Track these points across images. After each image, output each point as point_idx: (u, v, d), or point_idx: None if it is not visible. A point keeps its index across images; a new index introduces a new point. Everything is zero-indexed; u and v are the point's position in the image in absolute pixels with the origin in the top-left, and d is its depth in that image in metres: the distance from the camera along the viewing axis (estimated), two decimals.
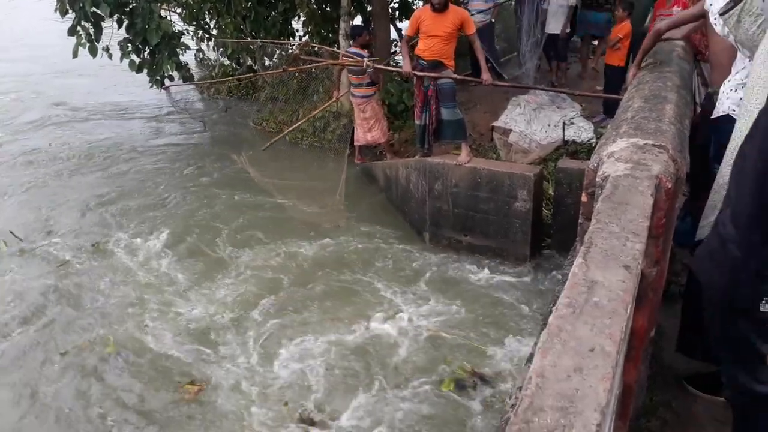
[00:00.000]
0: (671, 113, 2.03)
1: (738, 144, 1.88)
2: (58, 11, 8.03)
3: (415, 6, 10.97)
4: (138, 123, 10.56)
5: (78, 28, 8.00)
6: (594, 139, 6.20)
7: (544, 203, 5.78)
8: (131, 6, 8.08)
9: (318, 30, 10.54)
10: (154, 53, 8.49)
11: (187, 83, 9.79)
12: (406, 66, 5.75)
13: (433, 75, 5.56)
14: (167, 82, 9.10)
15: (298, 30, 11.34)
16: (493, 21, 8.24)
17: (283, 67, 7.76)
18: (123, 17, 8.13)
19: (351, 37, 7.46)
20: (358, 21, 9.94)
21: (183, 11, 11.77)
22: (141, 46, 8.40)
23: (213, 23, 12.02)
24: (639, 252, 1.11)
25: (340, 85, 7.67)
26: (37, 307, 5.05)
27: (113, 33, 8.23)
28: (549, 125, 6.51)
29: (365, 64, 6.32)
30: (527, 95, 7.10)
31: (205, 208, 6.88)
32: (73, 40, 8.08)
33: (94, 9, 7.67)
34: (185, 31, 11.10)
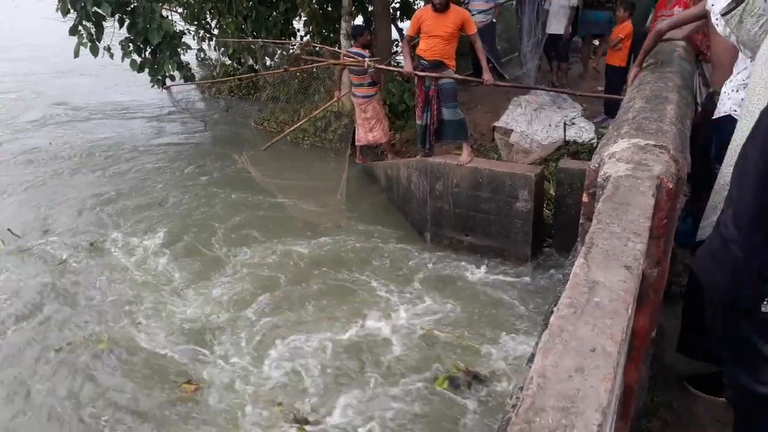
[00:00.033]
0: (672, 114, 2.03)
1: (739, 144, 1.88)
2: (59, 11, 8.04)
3: (417, 6, 10.96)
4: (139, 122, 10.57)
5: (79, 27, 8.00)
6: (595, 140, 6.20)
7: (545, 203, 5.78)
8: (133, 5, 8.08)
9: (319, 30, 10.54)
10: (155, 53, 8.49)
11: (189, 83, 9.80)
12: (407, 66, 5.75)
13: (435, 75, 5.56)
14: (168, 81, 9.10)
15: (299, 30, 11.35)
16: (494, 21, 8.24)
17: (285, 67, 7.77)
18: (124, 17, 8.13)
19: (352, 37, 7.47)
20: (359, 21, 9.94)
21: (184, 11, 11.78)
22: (142, 45, 8.40)
23: (214, 23, 12.03)
24: (640, 252, 1.11)
25: (341, 85, 7.66)
26: (34, 305, 5.07)
27: (114, 32, 8.24)
28: (550, 125, 6.51)
29: (366, 64, 6.32)
30: (528, 95, 7.09)
31: (205, 207, 6.89)
32: (75, 39, 8.09)
33: (95, 8, 7.68)
34: (186, 31, 11.12)
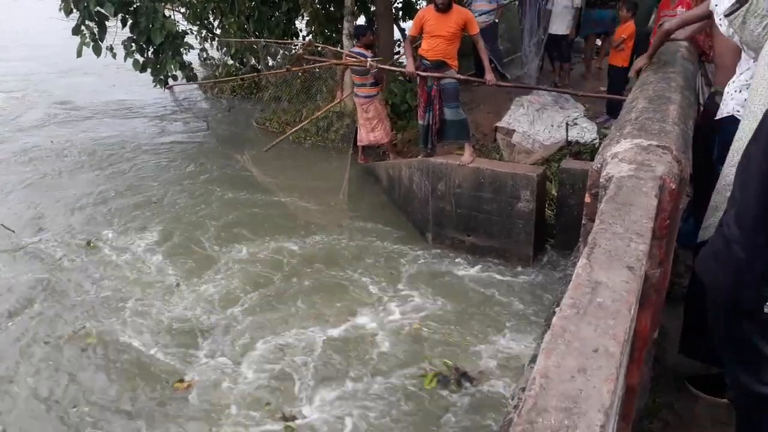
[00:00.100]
0: (675, 114, 2.03)
1: (741, 145, 1.88)
2: (62, 10, 8.06)
3: (419, 6, 10.96)
4: (141, 122, 10.59)
5: (82, 27, 8.01)
6: (597, 140, 6.19)
7: (547, 204, 5.78)
8: (135, 5, 8.09)
9: (321, 30, 10.54)
10: (157, 53, 8.50)
11: (191, 83, 9.80)
12: (409, 66, 5.75)
13: (437, 75, 5.56)
14: (171, 81, 9.11)
15: (301, 30, 11.35)
16: (497, 21, 8.24)
17: (287, 67, 7.76)
18: (127, 16, 8.14)
19: (354, 37, 7.47)
20: (361, 21, 9.94)
21: (187, 11, 11.79)
22: (145, 45, 8.41)
23: (217, 23, 12.04)
24: (643, 253, 1.11)
25: (343, 86, 7.66)
26: (26, 300, 5.12)
27: (117, 32, 8.25)
28: (552, 126, 6.51)
29: (368, 64, 6.32)
30: (530, 95, 7.09)
31: (202, 205, 6.90)
32: (77, 39, 8.10)
33: (98, 8, 7.68)
34: (189, 31, 11.10)
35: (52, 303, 5.08)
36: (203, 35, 12.54)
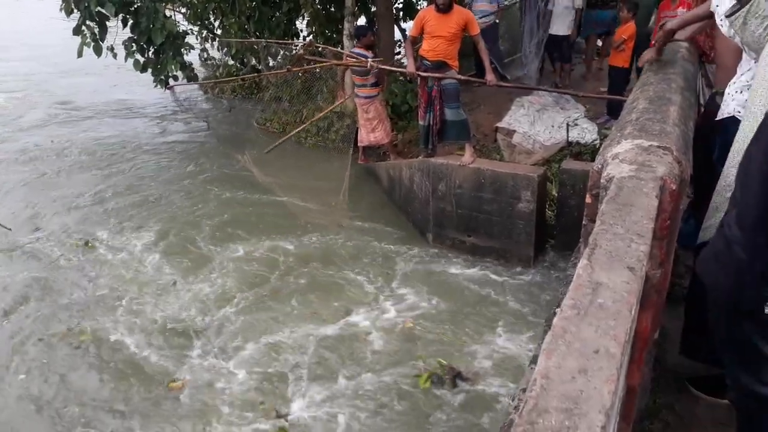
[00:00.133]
0: (676, 115, 2.03)
1: (742, 146, 1.88)
2: (63, 11, 8.06)
3: (420, 6, 10.96)
4: (142, 122, 10.61)
5: (83, 27, 8.02)
6: (598, 141, 6.19)
7: (547, 204, 5.78)
8: (136, 5, 8.10)
9: (322, 30, 10.54)
10: (158, 53, 8.50)
11: (192, 83, 9.80)
12: (410, 66, 5.75)
13: (438, 75, 5.56)
14: (171, 81, 9.11)
15: (302, 30, 11.35)
16: (498, 22, 8.24)
17: (288, 67, 7.76)
18: (128, 17, 8.15)
19: (355, 38, 7.47)
20: (362, 21, 9.94)
21: (187, 11, 11.79)
22: (146, 45, 8.41)
23: (217, 23, 12.04)
24: (644, 254, 1.10)
25: (344, 86, 7.66)
26: (23, 298, 5.14)
27: (118, 32, 8.26)
28: (553, 126, 6.51)
29: (369, 64, 6.32)
30: (531, 96, 7.09)
31: (202, 206, 6.91)
32: (78, 39, 8.10)
33: (99, 8, 7.69)
34: (190, 31, 11.10)
35: (47, 301, 5.10)
36: (204, 35, 12.54)
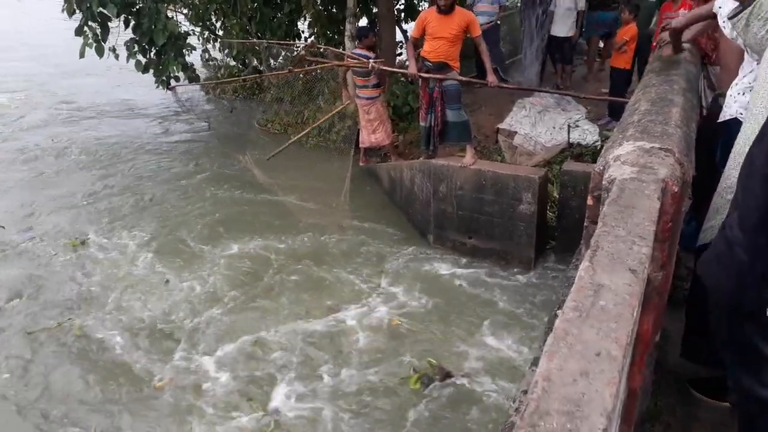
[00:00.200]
0: (678, 116, 2.02)
1: (743, 147, 1.88)
2: (65, 11, 8.07)
3: (421, 8, 10.97)
4: (143, 122, 10.62)
5: (85, 28, 8.03)
6: (599, 142, 6.19)
7: (548, 206, 5.77)
8: (138, 6, 8.11)
9: (324, 31, 10.55)
10: (160, 54, 8.51)
11: (193, 84, 9.82)
12: (411, 68, 5.75)
13: (439, 76, 5.56)
14: (173, 82, 9.13)
15: (303, 31, 11.36)
16: (499, 23, 8.24)
17: (289, 68, 7.77)
18: (130, 18, 8.16)
19: (356, 39, 7.47)
20: (363, 23, 9.95)
21: (189, 12, 11.80)
22: (147, 46, 8.42)
23: (219, 24, 12.06)
24: (645, 256, 1.10)
25: (347, 87, 7.65)
26: (15, 294, 5.16)
27: (120, 33, 8.27)
28: (554, 128, 6.51)
29: (370, 65, 6.32)
30: (532, 97, 7.09)
31: (200, 205, 6.91)
32: (80, 40, 8.11)
33: (101, 9, 7.70)
34: (191, 32, 11.13)
35: (37, 298, 5.12)
36: (205, 36, 12.56)
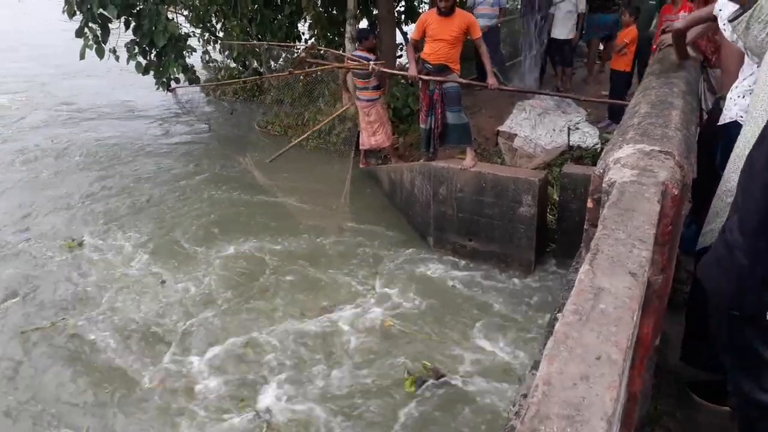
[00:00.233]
0: (678, 119, 2.02)
1: (743, 151, 1.88)
2: (65, 13, 8.08)
3: (422, 10, 10.98)
4: (143, 123, 10.62)
5: (85, 29, 8.04)
6: (599, 145, 6.19)
7: (548, 209, 5.77)
8: (138, 8, 8.12)
9: (324, 33, 10.56)
10: (160, 55, 8.52)
11: (193, 85, 9.83)
12: (411, 70, 5.75)
13: (439, 79, 5.56)
14: (173, 84, 9.13)
15: (304, 33, 11.37)
16: (499, 26, 8.25)
17: (289, 70, 7.76)
18: (130, 19, 8.17)
19: (357, 41, 7.48)
20: (364, 24, 9.96)
21: (190, 14, 11.82)
22: (148, 48, 8.44)
23: (219, 26, 12.07)
24: (646, 259, 1.10)
25: (347, 89, 7.66)
26: (8, 294, 5.16)
27: (120, 35, 8.28)
28: (554, 130, 6.51)
29: (371, 67, 6.33)
30: (532, 100, 7.10)
31: (198, 207, 6.91)
32: (81, 41, 8.12)
33: (101, 11, 7.71)
34: (192, 34, 11.15)
35: (31, 299, 5.11)
36: (206, 38, 12.57)
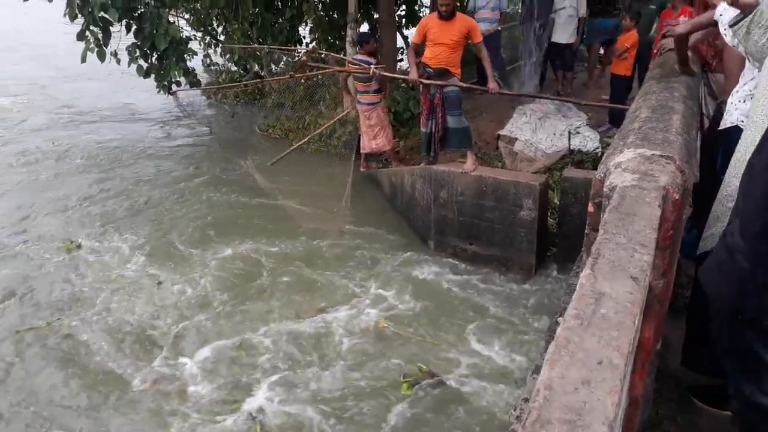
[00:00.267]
0: (678, 124, 2.03)
1: (743, 155, 1.88)
2: (67, 16, 8.10)
3: (422, 14, 11.00)
4: (144, 126, 10.62)
5: (87, 33, 8.05)
6: (599, 149, 6.19)
7: (549, 212, 5.77)
8: (140, 11, 8.13)
9: (325, 37, 10.58)
10: (161, 58, 8.54)
11: (194, 88, 9.84)
12: (412, 74, 5.76)
13: (440, 83, 5.57)
14: (174, 87, 9.14)
15: (305, 37, 11.39)
16: (500, 29, 8.26)
17: (290, 74, 7.77)
18: (131, 22, 8.18)
19: (358, 44, 7.49)
20: (365, 28, 9.98)
21: (191, 17, 11.85)
22: (149, 51, 8.45)
23: (220, 29, 12.08)
24: (647, 264, 1.10)
25: (349, 93, 7.67)
26: (7, 294, 5.18)
27: (121, 38, 8.29)
28: (554, 134, 6.51)
29: (372, 71, 6.33)
30: (533, 104, 7.10)
31: (197, 209, 6.91)
32: (82, 44, 8.14)
33: (102, 14, 7.72)
34: (193, 37, 11.17)
35: (27, 300, 5.12)
36: (207, 41, 12.59)
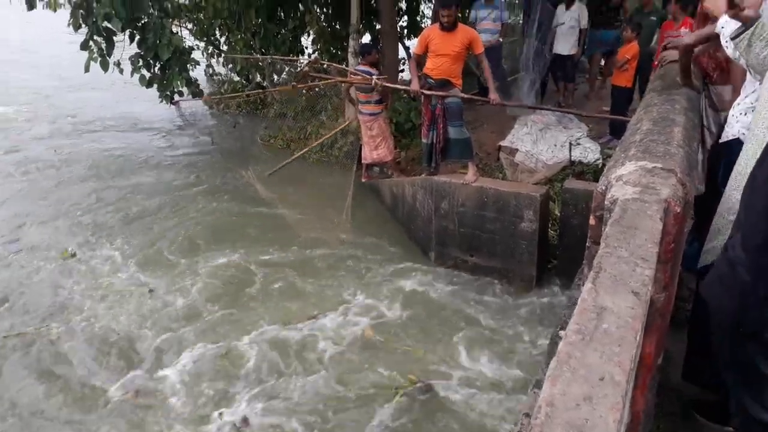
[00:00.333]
0: (680, 136, 2.03)
1: (744, 168, 1.88)
2: (71, 25, 8.15)
3: (424, 25, 11.06)
4: (146, 136, 10.65)
5: (90, 42, 8.09)
6: (600, 160, 6.19)
7: (550, 224, 5.76)
8: (143, 21, 8.18)
9: (327, 47, 10.63)
10: (164, 68, 8.56)
11: (197, 98, 9.87)
12: (414, 84, 5.77)
13: (441, 93, 5.58)
14: (177, 97, 9.17)
15: (307, 47, 11.45)
16: (501, 40, 8.29)
17: (292, 84, 7.80)
18: (135, 32, 8.22)
19: (360, 55, 7.52)
20: (366, 39, 10.02)
21: (194, 27, 11.92)
22: (152, 61, 8.48)
23: (223, 39, 12.15)
24: (648, 278, 1.09)
25: (352, 103, 7.68)
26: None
27: (125, 48, 8.33)
28: (555, 145, 6.51)
29: (373, 82, 6.35)
30: (534, 115, 7.11)
31: (195, 219, 6.91)
32: (85, 54, 8.17)
33: (106, 24, 7.76)
34: (195, 47, 11.22)
35: (17, 308, 5.12)
36: (210, 51, 12.65)
